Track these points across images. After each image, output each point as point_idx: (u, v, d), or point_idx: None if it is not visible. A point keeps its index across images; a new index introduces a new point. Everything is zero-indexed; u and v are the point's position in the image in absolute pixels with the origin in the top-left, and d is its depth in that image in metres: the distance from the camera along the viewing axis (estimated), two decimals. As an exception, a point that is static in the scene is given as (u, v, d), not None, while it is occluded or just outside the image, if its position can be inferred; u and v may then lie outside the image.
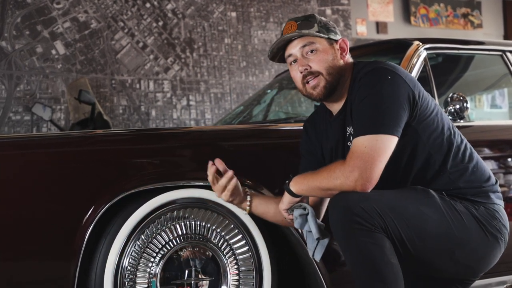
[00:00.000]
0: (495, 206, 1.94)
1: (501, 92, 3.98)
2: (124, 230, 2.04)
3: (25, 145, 2.04)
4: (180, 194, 2.13)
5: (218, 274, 2.16)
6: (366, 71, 1.89)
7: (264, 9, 5.74)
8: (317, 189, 1.85)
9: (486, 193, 1.94)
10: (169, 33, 5.31)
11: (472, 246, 1.87)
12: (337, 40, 1.99)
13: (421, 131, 1.89)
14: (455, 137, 1.96)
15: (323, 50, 1.95)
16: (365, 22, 6.50)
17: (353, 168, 1.76)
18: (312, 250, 1.95)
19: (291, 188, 1.90)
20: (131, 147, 2.15)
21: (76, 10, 4.97)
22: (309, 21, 1.97)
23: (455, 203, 1.88)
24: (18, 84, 4.73)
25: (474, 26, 7.15)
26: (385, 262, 1.74)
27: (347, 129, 1.96)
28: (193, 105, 5.34)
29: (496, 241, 1.91)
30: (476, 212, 1.89)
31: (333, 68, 1.95)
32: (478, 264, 1.92)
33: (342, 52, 2.00)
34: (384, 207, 1.77)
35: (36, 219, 1.95)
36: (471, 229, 1.86)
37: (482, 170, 1.97)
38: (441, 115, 1.96)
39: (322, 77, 1.94)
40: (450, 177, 1.92)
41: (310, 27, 1.95)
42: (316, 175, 1.85)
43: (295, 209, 1.93)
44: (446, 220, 1.83)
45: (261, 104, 3.49)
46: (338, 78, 1.96)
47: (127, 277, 2.04)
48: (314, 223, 1.90)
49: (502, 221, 1.93)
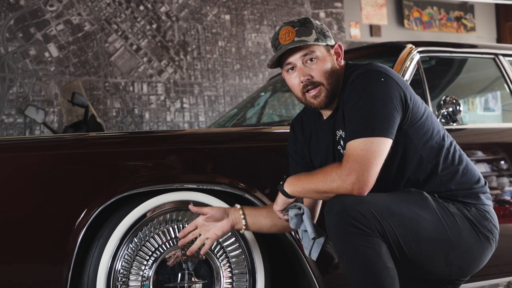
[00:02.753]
0: (486, 206, 1.96)
1: (494, 95, 3.99)
2: (117, 233, 2.04)
3: (18, 148, 2.04)
4: (173, 197, 2.13)
5: (211, 277, 2.16)
6: (358, 73, 1.88)
7: (257, 12, 5.75)
8: (312, 192, 1.85)
9: (476, 194, 1.96)
10: (163, 36, 5.30)
11: (466, 248, 1.88)
12: (333, 45, 1.98)
13: (412, 134, 1.90)
14: (445, 140, 1.97)
15: (322, 58, 1.93)
16: (359, 25, 6.52)
17: (350, 171, 1.76)
18: (308, 249, 1.95)
19: (285, 189, 1.89)
20: (124, 149, 2.14)
21: (69, 13, 4.96)
22: (306, 27, 1.92)
23: (448, 205, 1.89)
24: (11, 86, 4.72)
25: (467, 29, 7.18)
26: (381, 267, 1.73)
27: (337, 133, 1.96)
28: (187, 108, 5.34)
29: (488, 242, 1.92)
30: (468, 213, 1.90)
31: (333, 77, 1.93)
32: (471, 265, 1.93)
33: (338, 57, 1.98)
34: (381, 210, 1.77)
35: (28, 222, 1.94)
36: (464, 230, 1.87)
37: (472, 172, 1.99)
38: (431, 117, 1.96)
39: (323, 87, 1.92)
40: (441, 180, 1.93)
41: (309, 34, 1.91)
42: (311, 177, 1.84)
43: (290, 209, 1.93)
44: (440, 222, 1.84)
45: (255, 107, 3.49)
46: (337, 85, 1.94)
47: (120, 280, 2.04)
48: (309, 223, 1.90)
49: (493, 221, 1.95)
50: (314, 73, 1.92)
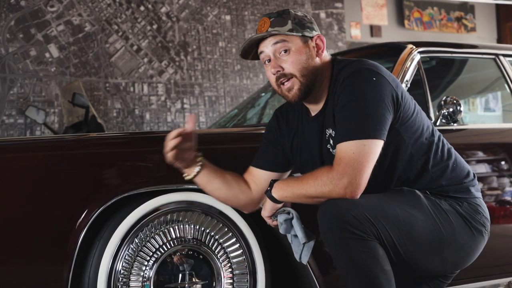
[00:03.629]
0: (477, 200, 1.95)
1: (494, 95, 3.99)
2: (117, 233, 2.04)
3: (18, 149, 2.04)
4: (174, 198, 2.13)
5: (212, 278, 2.16)
6: (349, 72, 1.83)
7: (258, 12, 5.75)
8: (302, 197, 1.80)
9: (467, 188, 1.95)
10: (163, 36, 5.31)
11: (460, 244, 1.88)
12: (313, 37, 1.91)
13: (404, 132, 1.87)
14: (434, 135, 1.95)
15: (296, 50, 1.86)
16: (359, 25, 6.52)
17: (342, 175, 1.73)
18: (298, 253, 1.90)
19: (273, 194, 1.85)
20: (125, 150, 2.15)
21: (70, 13, 4.96)
22: (282, 17, 1.87)
23: (440, 202, 1.88)
24: (12, 87, 4.72)
25: (467, 29, 7.18)
26: (378, 270, 1.72)
27: (326, 131, 1.91)
28: (188, 108, 5.34)
29: (481, 235, 1.92)
30: (460, 209, 1.89)
31: (307, 69, 1.87)
32: (465, 260, 1.93)
33: (318, 49, 1.91)
34: (375, 213, 1.75)
35: (29, 222, 1.94)
36: (458, 227, 1.87)
37: (461, 166, 1.97)
38: (421, 114, 1.94)
39: (296, 79, 1.87)
40: (432, 176, 1.91)
41: (283, 24, 1.85)
42: (301, 182, 1.80)
43: (279, 215, 1.88)
44: (434, 221, 1.83)
45: (255, 107, 3.49)
46: (314, 78, 1.88)
47: (120, 281, 2.04)
48: (300, 227, 1.86)
49: (485, 214, 1.95)
50: (285, 65, 1.87)
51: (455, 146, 2.05)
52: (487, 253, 2.05)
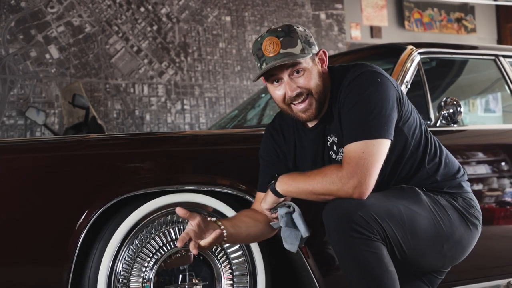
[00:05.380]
0: (469, 194, 2.00)
1: (495, 96, 4.00)
2: (118, 234, 2.04)
3: (18, 150, 2.04)
4: (174, 199, 2.12)
5: (212, 279, 2.16)
6: (354, 75, 1.85)
7: (258, 13, 5.75)
8: (308, 193, 1.81)
9: (459, 183, 1.99)
10: (164, 37, 5.31)
11: (457, 238, 1.91)
12: (317, 52, 1.91)
13: (406, 130, 1.90)
14: (427, 131, 1.99)
15: (309, 69, 1.86)
16: (359, 26, 6.52)
17: (352, 174, 1.74)
18: (295, 245, 1.90)
19: (277, 188, 1.87)
20: (125, 151, 2.15)
21: (70, 14, 4.97)
22: (291, 37, 1.83)
23: (438, 198, 1.92)
24: (12, 88, 4.72)
25: (467, 30, 7.18)
26: (383, 271, 1.73)
27: (328, 138, 1.93)
28: (188, 109, 5.34)
29: (476, 229, 1.97)
30: (456, 203, 1.94)
31: (320, 85, 1.88)
32: (461, 253, 1.96)
33: (322, 64, 1.92)
34: (381, 213, 1.76)
35: (29, 223, 1.94)
36: (455, 221, 1.90)
37: (453, 161, 2.02)
38: (415, 111, 1.98)
39: (312, 98, 1.87)
40: (428, 172, 1.95)
41: (294, 45, 1.83)
42: (308, 178, 1.81)
43: (280, 208, 1.90)
44: (434, 216, 1.86)
45: (255, 108, 3.50)
46: (325, 93, 1.90)
47: (120, 282, 2.04)
48: (302, 221, 1.87)
49: (477, 208, 2.00)
50: (301, 85, 1.86)
51: (456, 147, 2.06)
52: (488, 254, 2.06)
